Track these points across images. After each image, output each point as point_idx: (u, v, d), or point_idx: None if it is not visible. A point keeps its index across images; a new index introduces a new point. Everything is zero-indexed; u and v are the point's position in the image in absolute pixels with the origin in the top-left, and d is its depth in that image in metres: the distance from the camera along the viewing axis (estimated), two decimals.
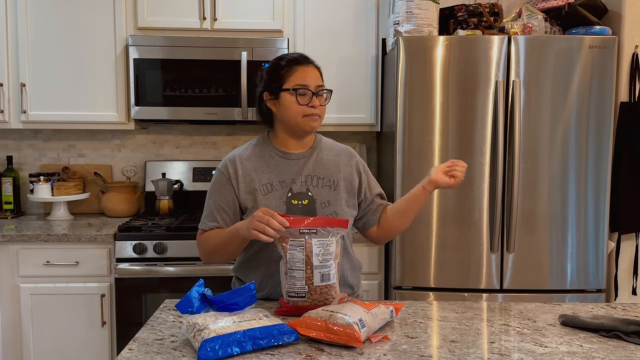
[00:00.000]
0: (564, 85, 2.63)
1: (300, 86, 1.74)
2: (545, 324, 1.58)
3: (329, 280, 1.54)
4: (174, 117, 3.04)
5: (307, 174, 1.80)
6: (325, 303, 1.53)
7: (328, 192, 1.80)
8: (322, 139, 1.90)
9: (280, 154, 1.82)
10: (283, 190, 1.77)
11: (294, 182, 1.78)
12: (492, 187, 2.65)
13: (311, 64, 1.78)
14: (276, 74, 1.79)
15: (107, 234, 2.78)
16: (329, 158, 1.85)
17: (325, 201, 1.79)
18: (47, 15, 3.00)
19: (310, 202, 1.77)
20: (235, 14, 3.05)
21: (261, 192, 1.77)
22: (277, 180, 1.78)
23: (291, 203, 1.76)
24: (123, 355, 1.34)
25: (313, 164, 1.82)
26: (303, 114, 1.74)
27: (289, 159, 1.81)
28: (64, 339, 2.80)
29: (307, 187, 1.79)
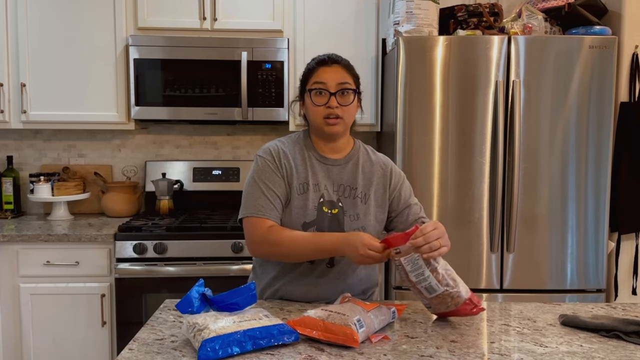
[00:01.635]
0: (564, 85, 2.63)
1: (318, 85, 1.68)
2: (545, 324, 1.58)
3: (436, 292, 1.51)
4: (174, 117, 3.04)
5: (339, 183, 1.75)
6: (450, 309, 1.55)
7: (359, 205, 1.74)
8: (360, 147, 1.83)
9: (318, 157, 1.76)
10: (316, 194, 1.72)
11: (326, 189, 1.73)
12: (492, 187, 2.65)
13: (336, 63, 1.71)
14: (304, 76, 1.75)
15: (108, 234, 2.78)
16: (364, 169, 1.78)
17: (354, 214, 1.73)
18: (48, 15, 3.00)
19: (340, 213, 1.72)
20: (235, 14, 3.05)
21: (297, 191, 1.71)
22: (312, 183, 1.73)
23: (322, 210, 1.71)
24: (123, 355, 1.34)
25: (347, 174, 1.76)
26: (322, 116, 1.69)
27: (325, 164, 1.76)
28: (64, 339, 2.80)
29: (339, 196, 1.73)
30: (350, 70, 1.73)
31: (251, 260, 2.82)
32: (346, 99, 1.70)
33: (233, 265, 2.78)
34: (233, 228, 2.83)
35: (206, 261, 2.78)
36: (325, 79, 1.68)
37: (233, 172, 3.35)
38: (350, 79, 1.71)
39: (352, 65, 1.76)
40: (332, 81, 1.68)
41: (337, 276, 1.75)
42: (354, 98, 1.72)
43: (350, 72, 1.73)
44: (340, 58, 1.74)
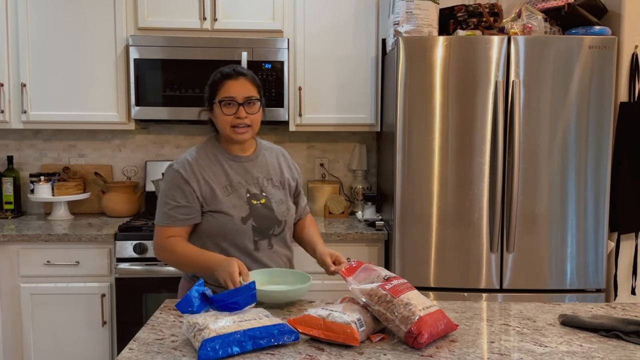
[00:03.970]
0: (563, 85, 2.63)
1: (227, 98, 1.84)
2: (545, 323, 1.59)
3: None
4: (174, 117, 3.04)
5: (257, 176, 1.93)
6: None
7: (278, 191, 1.96)
8: (261, 142, 2.04)
9: (231, 157, 1.93)
10: (241, 190, 1.89)
11: (248, 184, 1.91)
12: (492, 187, 2.65)
13: (242, 76, 1.87)
14: (211, 88, 1.91)
15: (108, 233, 2.78)
16: (271, 160, 2.00)
17: (278, 200, 1.94)
18: (48, 15, 3.00)
19: (267, 201, 1.91)
20: (236, 14, 3.05)
21: (224, 193, 1.87)
22: (235, 181, 1.90)
23: (252, 203, 1.88)
24: (123, 355, 1.34)
25: (260, 167, 1.96)
26: (230, 125, 1.85)
27: (239, 162, 1.93)
28: (64, 338, 2.80)
29: (260, 187, 1.92)
30: (255, 82, 1.91)
31: None
32: (253, 108, 1.87)
33: None
34: None
35: None
36: (234, 93, 1.85)
37: None
38: (255, 90, 1.89)
39: (255, 76, 1.93)
40: (239, 94, 1.85)
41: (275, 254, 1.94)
42: (259, 107, 1.89)
43: (255, 83, 1.90)
44: (244, 70, 1.92)
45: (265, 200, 1.90)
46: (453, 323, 1.49)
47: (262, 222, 1.88)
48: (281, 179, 1.99)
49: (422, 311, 1.40)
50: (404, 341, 1.40)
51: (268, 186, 1.94)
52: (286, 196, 1.98)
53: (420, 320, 1.37)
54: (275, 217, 1.91)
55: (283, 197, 1.96)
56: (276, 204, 1.92)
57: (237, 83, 1.85)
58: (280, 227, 1.93)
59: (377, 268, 1.56)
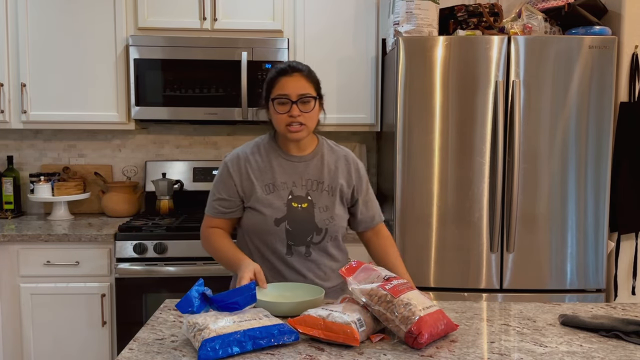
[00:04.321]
0: (563, 85, 2.63)
1: (280, 96, 1.79)
2: (545, 323, 1.59)
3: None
4: (174, 117, 3.04)
5: (307, 178, 1.87)
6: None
7: (327, 197, 1.87)
8: (324, 143, 1.95)
9: (284, 156, 1.88)
10: (284, 191, 1.84)
11: (294, 185, 1.85)
12: (492, 187, 2.65)
13: (297, 72, 1.81)
14: (267, 85, 1.86)
15: (108, 233, 2.78)
16: (329, 163, 1.90)
17: (323, 206, 1.86)
18: (48, 15, 3.00)
19: (310, 206, 1.84)
20: (236, 14, 3.05)
21: (264, 192, 1.83)
22: (280, 181, 1.85)
23: (291, 205, 1.83)
24: (123, 355, 1.34)
25: (314, 169, 1.88)
26: (285, 123, 1.80)
27: (291, 161, 1.88)
28: (64, 339, 2.80)
29: (307, 191, 1.86)
30: (311, 77, 1.84)
31: None
32: (307, 107, 1.81)
33: None
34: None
35: (206, 261, 2.78)
36: (287, 91, 1.79)
37: None
38: (311, 87, 1.82)
39: (312, 72, 1.87)
40: (293, 91, 1.79)
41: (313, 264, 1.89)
42: (314, 104, 1.83)
43: (311, 79, 1.84)
44: (300, 66, 1.84)
45: (307, 205, 1.84)
46: (453, 323, 1.49)
47: (299, 226, 1.83)
48: (333, 184, 1.88)
49: (422, 311, 1.40)
50: (404, 341, 1.40)
51: (316, 190, 1.86)
52: (334, 203, 1.87)
53: (420, 320, 1.37)
54: (314, 223, 1.84)
55: (330, 204, 1.86)
56: (319, 210, 1.84)
57: (291, 80, 1.79)
58: (320, 235, 1.85)
59: (377, 268, 1.56)
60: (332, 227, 1.86)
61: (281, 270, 1.87)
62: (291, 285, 1.76)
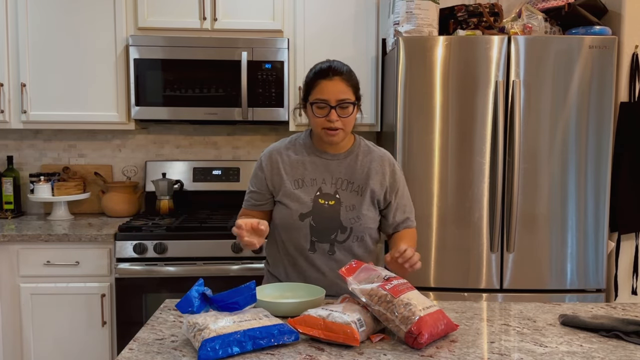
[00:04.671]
0: (564, 85, 2.63)
1: (318, 100, 1.78)
2: (545, 323, 1.59)
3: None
4: (174, 117, 3.04)
5: (338, 177, 1.88)
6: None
7: (355, 197, 1.87)
8: (360, 142, 1.95)
9: (317, 153, 1.90)
10: (313, 187, 1.86)
11: (324, 182, 1.87)
12: (492, 187, 2.65)
13: (337, 76, 1.78)
14: (306, 85, 1.85)
15: (108, 233, 2.78)
16: (363, 164, 1.90)
17: (350, 205, 1.86)
18: (48, 15, 3.00)
19: (337, 204, 1.85)
20: (236, 14, 3.05)
21: (293, 186, 1.87)
22: (309, 177, 1.87)
23: (318, 202, 1.85)
24: (123, 355, 1.34)
25: (346, 168, 1.89)
26: (322, 127, 1.81)
27: (324, 159, 1.89)
28: (64, 339, 2.80)
29: (336, 189, 1.87)
30: (351, 81, 1.81)
31: (251, 261, 2.84)
32: (346, 112, 1.80)
33: (233, 265, 2.78)
34: None
35: (206, 261, 2.78)
36: (326, 96, 1.77)
37: (233, 172, 3.35)
38: (350, 91, 1.80)
39: (352, 73, 1.83)
40: (332, 96, 1.77)
41: (337, 263, 1.86)
42: (353, 109, 1.82)
43: (351, 82, 1.81)
44: (340, 68, 1.80)
45: (334, 202, 1.84)
46: (453, 323, 1.49)
47: (323, 223, 1.83)
48: (363, 185, 1.87)
49: (422, 311, 1.40)
50: (404, 341, 1.40)
51: (346, 190, 1.86)
52: (362, 203, 1.86)
53: (420, 320, 1.37)
54: (339, 221, 1.84)
55: (357, 203, 1.86)
56: (345, 209, 1.85)
57: (331, 84, 1.77)
58: (345, 234, 1.85)
59: (377, 268, 1.56)
60: (358, 226, 1.86)
61: (303, 267, 1.88)
62: (292, 286, 1.76)
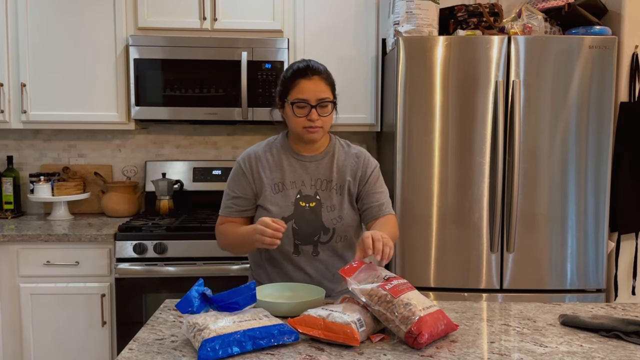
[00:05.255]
0: (564, 85, 2.63)
1: (299, 100, 1.79)
2: (545, 324, 1.59)
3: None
4: (174, 117, 3.04)
5: (317, 178, 1.88)
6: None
7: (335, 196, 1.88)
8: (336, 142, 1.96)
9: (294, 155, 1.90)
10: (293, 190, 1.86)
11: (303, 185, 1.86)
12: (492, 187, 2.65)
13: (316, 75, 1.80)
14: (283, 85, 1.84)
15: (108, 234, 2.78)
16: (339, 161, 1.91)
17: (330, 205, 1.87)
18: (48, 15, 3.00)
19: (317, 205, 1.85)
20: (235, 14, 3.05)
21: (272, 190, 1.85)
22: (289, 181, 1.86)
23: (299, 205, 1.85)
24: (123, 355, 1.34)
25: (324, 168, 1.89)
26: (302, 126, 1.81)
27: (302, 161, 1.89)
28: (64, 339, 2.80)
29: (316, 190, 1.86)
30: (329, 80, 1.85)
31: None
32: (325, 110, 1.82)
33: (233, 265, 2.78)
34: None
35: (206, 261, 2.78)
36: (306, 95, 1.78)
37: None
38: (329, 90, 1.83)
39: (329, 73, 1.86)
40: (312, 95, 1.79)
41: (322, 264, 1.88)
42: (332, 108, 1.84)
43: (329, 81, 1.84)
44: (318, 67, 1.83)
45: (315, 204, 1.85)
46: (453, 323, 1.49)
47: (306, 226, 1.84)
48: (341, 182, 1.88)
49: (422, 311, 1.40)
50: (404, 341, 1.40)
51: (325, 190, 1.87)
52: (342, 203, 1.87)
53: (420, 320, 1.37)
54: (321, 223, 1.85)
55: (337, 203, 1.87)
56: (326, 210, 1.85)
57: (310, 83, 1.79)
58: (328, 235, 1.86)
59: (378, 268, 1.56)
60: (340, 226, 1.87)
61: (288, 270, 1.88)
62: (292, 286, 1.76)
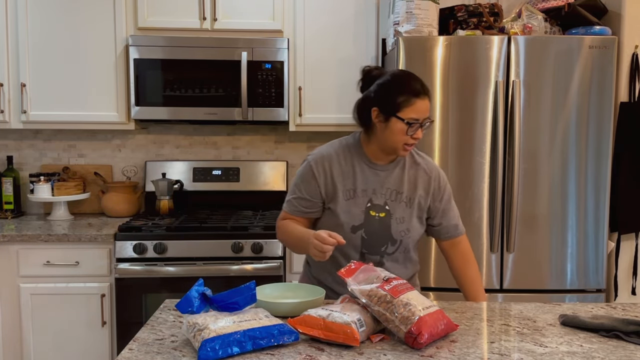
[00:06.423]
0: (564, 85, 2.63)
1: (414, 120, 1.75)
2: (545, 324, 1.58)
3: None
4: (174, 117, 3.04)
5: (387, 187, 1.85)
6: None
7: (404, 208, 1.85)
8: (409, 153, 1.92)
9: (368, 163, 1.86)
10: (364, 199, 1.83)
11: (374, 193, 1.84)
12: (492, 187, 2.65)
13: (427, 96, 1.78)
14: (393, 97, 1.77)
15: (108, 234, 2.78)
16: (410, 173, 1.88)
17: (400, 217, 1.84)
18: (48, 15, 3.00)
19: (387, 216, 1.83)
20: (235, 14, 3.05)
21: (344, 197, 1.83)
22: (361, 189, 1.84)
23: (369, 214, 1.82)
24: (123, 355, 1.34)
25: (394, 178, 1.86)
26: (404, 143, 1.78)
27: (374, 169, 1.86)
28: (64, 339, 2.80)
29: (386, 200, 1.84)
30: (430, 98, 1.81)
31: (251, 261, 2.84)
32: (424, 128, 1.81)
33: (233, 265, 2.78)
34: (233, 228, 2.83)
35: (206, 261, 2.78)
36: (420, 115, 1.76)
37: (233, 172, 3.35)
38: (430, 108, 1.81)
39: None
40: (423, 116, 1.77)
41: None
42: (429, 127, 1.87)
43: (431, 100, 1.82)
44: (427, 87, 1.80)
45: (385, 215, 1.83)
46: (453, 323, 1.49)
47: (374, 236, 1.82)
48: (412, 195, 1.86)
49: (422, 311, 1.40)
50: (404, 341, 1.40)
51: (395, 200, 1.84)
52: (411, 215, 1.86)
53: (420, 320, 1.37)
54: (390, 234, 1.83)
55: (406, 216, 1.85)
56: (395, 221, 1.83)
57: (423, 104, 1.76)
58: (395, 246, 1.84)
59: (377, 269, 1.56)
60: (407, 239, 1.86)
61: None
62: (292, 286, 1.76)
